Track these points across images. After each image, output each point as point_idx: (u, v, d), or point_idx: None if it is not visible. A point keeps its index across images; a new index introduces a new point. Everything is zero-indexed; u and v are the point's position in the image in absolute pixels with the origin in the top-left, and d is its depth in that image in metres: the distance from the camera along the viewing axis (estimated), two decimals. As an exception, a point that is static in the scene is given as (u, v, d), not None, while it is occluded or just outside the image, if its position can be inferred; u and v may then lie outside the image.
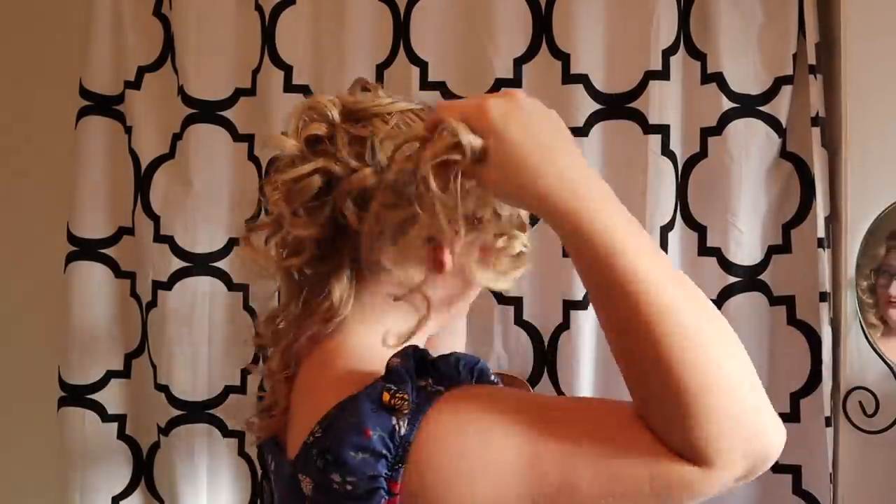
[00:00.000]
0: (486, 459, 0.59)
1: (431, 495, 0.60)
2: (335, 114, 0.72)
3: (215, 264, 1.32)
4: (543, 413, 0.62)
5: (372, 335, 0.73)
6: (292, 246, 0.74)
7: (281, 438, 0.76)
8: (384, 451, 0.60)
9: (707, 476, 0.56)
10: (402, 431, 0.60)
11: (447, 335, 0.90)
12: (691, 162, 1.22)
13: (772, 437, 0.59)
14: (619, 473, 0.58)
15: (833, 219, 1.17)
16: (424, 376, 0.64)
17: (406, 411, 0.60)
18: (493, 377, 0.68)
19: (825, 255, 1.15)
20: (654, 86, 1.19)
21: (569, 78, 1.21)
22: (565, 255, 1.20)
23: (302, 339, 0.75)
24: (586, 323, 1.20)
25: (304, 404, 0.71)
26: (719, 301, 1.19)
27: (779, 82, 1.18)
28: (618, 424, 0.60)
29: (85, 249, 1.35)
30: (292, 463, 0.67)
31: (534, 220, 0.93)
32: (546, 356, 1.22)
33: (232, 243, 1.33)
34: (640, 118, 1.20)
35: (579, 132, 1.20)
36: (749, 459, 0.57)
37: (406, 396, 0.61)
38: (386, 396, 0.61)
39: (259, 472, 1.33)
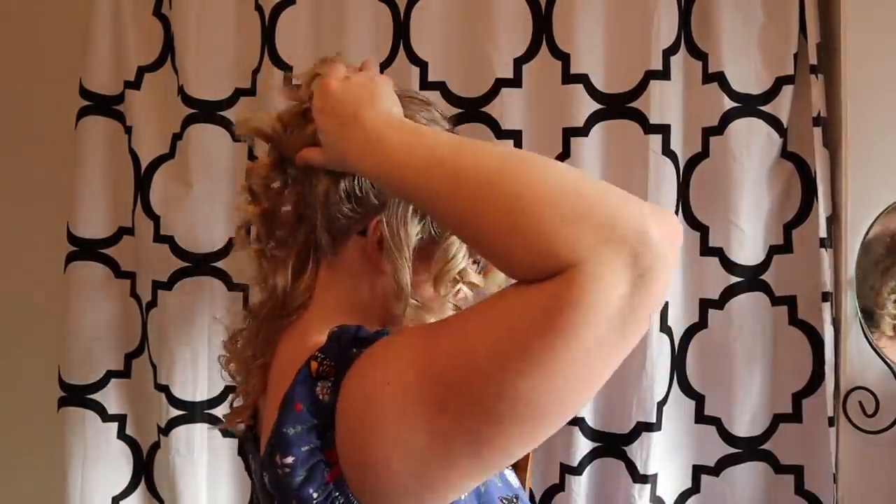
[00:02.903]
0: (385, 384, 0.58)
1: (358, 450, 0.59)
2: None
3: (215, 264, 1.32)
4: (433, 324, 0.64)
5: (326, 323, 0.72)
6: (255, 232, 0.79)
7: (257, 430, 0.77)
8: (314, 421, 0.60)
9: (575, 278, 0.51)
10: (326, 399, 0.60)
11: None
12: (693, 162, 1.22)
13: (631, 214, 0.52)
14: (500, 319, 0.55)
15: (833, 219, 1.17)
16: (353, 347, 0.63)
17: (332, 378, 0.60)
18: None
19: (827, 255, 1.15)
20: (655, 86, 1.19)
21: (569, 78, 1.21)
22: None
23: (269, 326, 0.76)
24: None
25: (273, 398, 0.70)
26: (721, 301, 1.19)
27: (780, 82, 1.17)
28: (492, 296, 0.59)
29: (85, 249, 1.35)
30: (261, 460, 0.67)
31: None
32: None
33: (232, 243, 1.33)
34: (640, 118, 1.19)
35: (579, 132, 1.20)
36: (613, 244, 0.51)
37: (332, 363, 0.61)
38: (314, 365, 0.61)
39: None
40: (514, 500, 0.75)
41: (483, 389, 0.54)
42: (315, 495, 0.59)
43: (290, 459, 0.59)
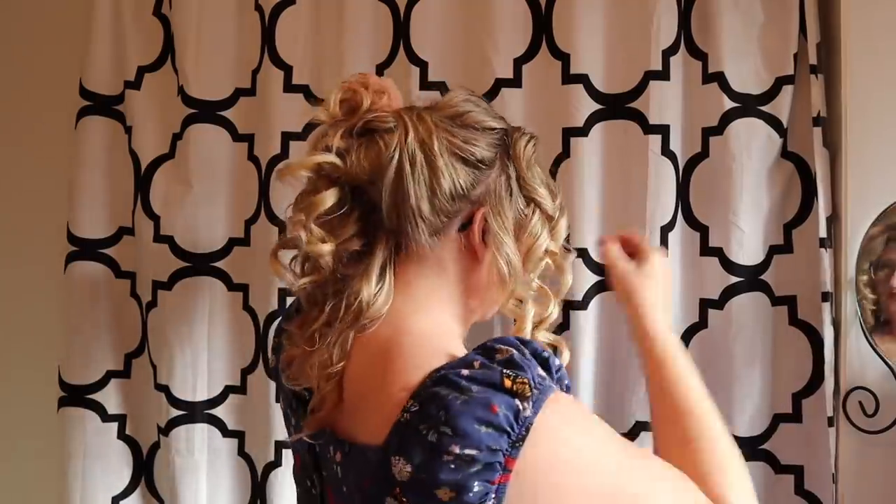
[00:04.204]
0: (589, 458, 0.67)
1: (540, 477, 0.65)
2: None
3: (215, 264, 1.32)
4: (630, 446, 0.74)
5: (427, 320, 0.77)
6: (315, 265, 0.79)
7: (341, 431, 0.76)
8: (508, 429, 0.63)
9: None
10: (527, 413, 0.64)
11: None
12: (693, 162, 1.22)
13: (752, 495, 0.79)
14: (681, 498, 0.72)
15: (833, 219, 1.17)
16: (546, 374, 0.69)
17: (529, 395, 0.64)
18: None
19: (827, 255, 1.15)
20: (655, 86, 1.19)
21: (569, 78, 1.21)
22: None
23: (350, 336, 0.77)
24: (586, 323, 1.20)
25: (373, 389, 0.72)
26: (721, 301, 1.19)
27: (780, 82, 1.17)
28: (680, 472, 0.74)
29: (85, 249, 1.35)
30: (382, 447, 0.67)
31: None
32: None
33: (232, 243, 1.33)
34: (640, 118, 1.19)
35: (579, 132, 1.20)
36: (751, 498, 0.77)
37: (527, 381, 0.65)
38: (507, 382, 0.65)
39: (297, 465, 1.33)
40: None
41: None
42: (476, 488, 0.63)
43: (473, 452, 0.63)
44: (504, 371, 0.66)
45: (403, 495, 0.65)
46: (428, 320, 0.77)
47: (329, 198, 0.78)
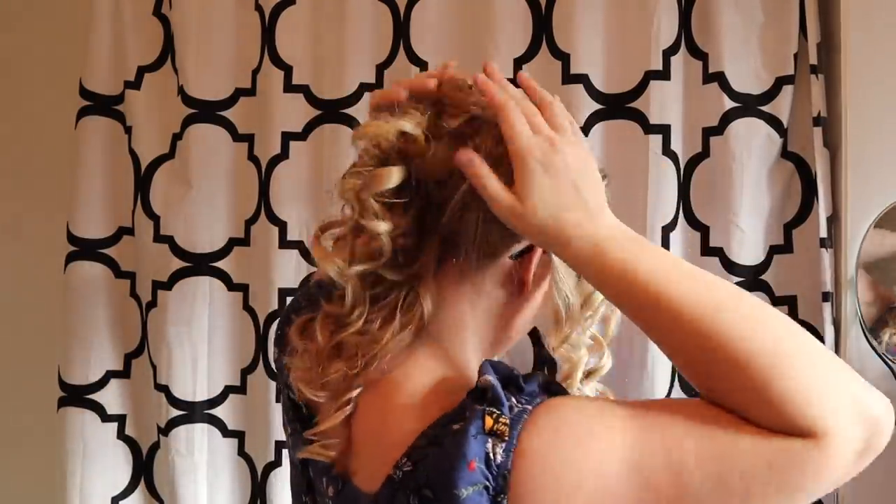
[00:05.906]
0: (587, 469, 0.57)
1: None
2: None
3: (215, 264, 1.32)
4: (637, 409, 0.60)
5: (450, 352, 0.70)
6: (368, 250, 0.67)
7: (339, 466, 0.70)
8: (487, 482, 0.57)
9: (823, 447, 0.56)
10: (499, 459, 0.57)
11: None
12: (693, 162, 1.22)
13: (873, 400, 0.58)
14: (728, 452, 0.57)
15: (833, 219, 1.17)
16: (508, 391, 0.61)
17: (506, 437, 0.57)
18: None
19: (827, 255, 1.15)
20: (655, 86, 1.19)
21: (569, 78, 1.21)
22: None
23: (384, 359, 0.67)
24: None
25: (378, 432, 0.66)
26: (720, 301, 1.19)
27: (780, 82, 1.17)
28: (717, 413, 0.59)
29: (85, 249, 1.35)
30: (373, 498, 0.63)
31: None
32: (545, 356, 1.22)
33: (232, 243, 1.33)
34: (640, 118, 1.19)
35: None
36: (858, 422, 0.56)
37: (507, 421, 0.57)
38: (489, 422, 0.58)
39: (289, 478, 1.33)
40: None
41: None
42: None
43: None
44: (487, 410, 0.58)
45: None
46: (443, 351, 0.69)
47: (395, 175, 0.65)
